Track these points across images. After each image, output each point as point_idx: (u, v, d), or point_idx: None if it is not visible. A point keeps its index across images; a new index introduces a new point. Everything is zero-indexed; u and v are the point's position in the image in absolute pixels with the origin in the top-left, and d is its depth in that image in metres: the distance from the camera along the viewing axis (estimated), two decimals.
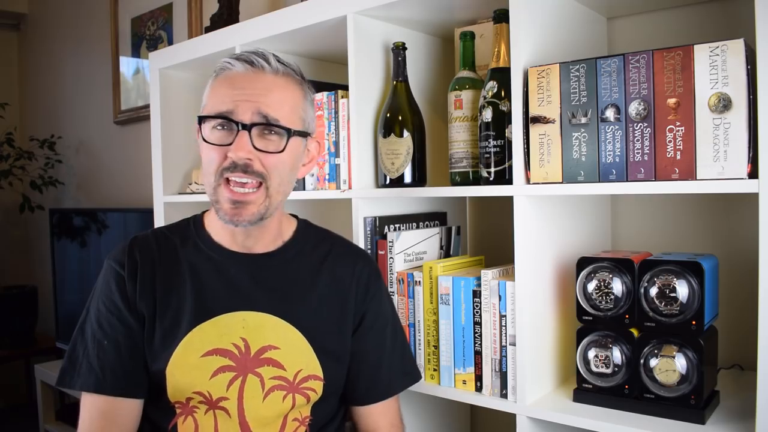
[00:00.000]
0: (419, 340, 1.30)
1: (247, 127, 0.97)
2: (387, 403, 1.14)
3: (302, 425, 1.07)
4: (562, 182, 1.08)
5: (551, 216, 1.19)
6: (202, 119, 1.01)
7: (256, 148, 0.98)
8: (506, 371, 1.17)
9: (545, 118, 1.08)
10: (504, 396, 1.18)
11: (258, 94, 0.99)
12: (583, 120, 1.05)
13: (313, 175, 1.48)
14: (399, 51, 1.34)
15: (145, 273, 1.04)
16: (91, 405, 1.01)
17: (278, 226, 1.11)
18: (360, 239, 1.34)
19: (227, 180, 0.99)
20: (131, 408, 1.02)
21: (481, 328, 1.20)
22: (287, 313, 1.06)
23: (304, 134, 1.05)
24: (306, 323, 1.06)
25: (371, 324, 1.13)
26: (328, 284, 1.11)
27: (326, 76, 1.71)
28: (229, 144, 0.98)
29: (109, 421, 1.00)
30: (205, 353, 1.01)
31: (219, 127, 0.99)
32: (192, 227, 1.11)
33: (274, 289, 1.07)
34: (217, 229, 1.09)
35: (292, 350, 1.05)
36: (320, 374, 1.06)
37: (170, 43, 2.65)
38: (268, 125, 0.99)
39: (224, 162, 0.98)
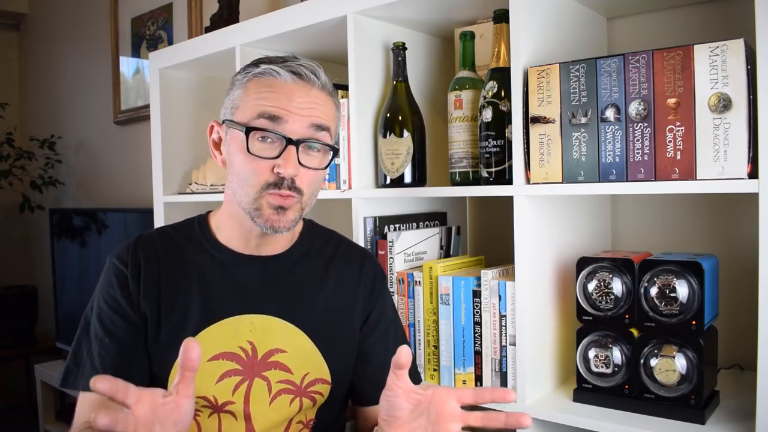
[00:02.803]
0: (419, 340, 1.30)
1: (296, 143, 0.96)
2: None
3: (306, 428, 1.07)
4: (562, 182, 1.08)
5: (551, 216, 1.19)
6: (249, 130, 0.96)
7: (301, 164, 0.97)
8: (506, 371, 1.17)
9: (545, 118, 1.08)
10: None
11: (308, 109, 0.97)
12: (583, 120, 1.05)
13: None
14: (399, 51, 1.34)
15: (150, 273, 1.03)
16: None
17: (293, 230, 1.10)
18: (360, 239, 1.34)
19: (275, 193, 0.97)
20: None
21: (481, 328, 1.20)
22: (294, 316, 1.05)
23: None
24: (313, 326, 1.06)
25: (375, 323, 1.13)
26: (335, 285, 1.10)
27: None
28: (274, 157, 0.96)
29: None
30: (212, 357, 1.00)
31: (260, 138, 0.97)
32: (197, 227, 1.10)
33: (282, 291, 1.06)
34: (227, 232, 1.07)
35: (299, 354, 1.04)
36: (327, 377, 1.05)
37: (170, 43, 2.65)
38: (316, 142, 0.98)
39: (269, 176, 0.96)
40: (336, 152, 1.02)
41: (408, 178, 1.34)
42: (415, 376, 1.18)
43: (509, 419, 0.79)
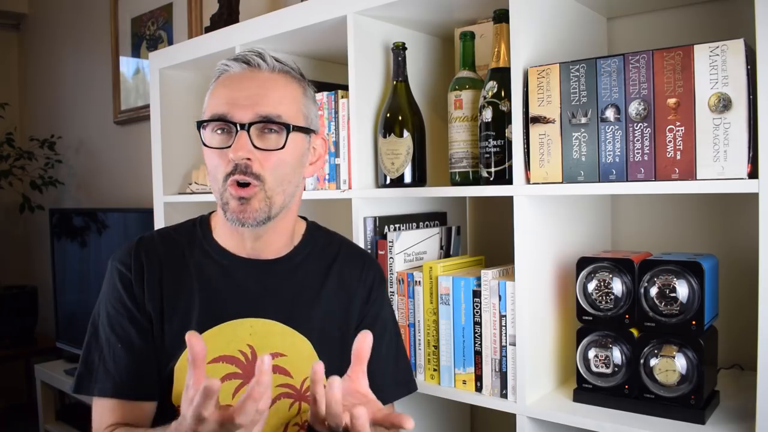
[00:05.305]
0: (419, 340, 1.30)
1: (245, 127, 0.96)
2: None
3: (302, 430, 1.07)
4: (562, 182, 1.08)
5: (551, 216, 1.19)
6: (201, 124, 0.99)
7: (256, 147, 0.96)
8: (506, 371, 1.17)
9: (545, 118, 1.08)
10: (504, 396, 1.18)
11: (255, 93, 0.97)
12: (583, 120, 1.05)
13: (313, 174, 1.48)
14: (399, 51, 1.34)
15: (152, 275, 1.03)
16: (105, 408, 1.00)
17: (291, 232, 1.09)
18: (360, 239, 1.34)
19: (233, 182, 0.97)
20: (146, 410, 1.01)
21: (481, 328, 1.20)
22: (294, 320, 1.05)
23: (307, 130, 1.03)
24: (313, 330, 1.05)
25: (370, 326, 1.12)
26: (336, 288, 1.10)
27: (326, 76, 1.71)
28: (229, 146, 0.96)
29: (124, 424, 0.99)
30: (212, 360, 1.00)
31: (219, 131, 0.98)
32: (198, 229, 1.09)
33: (282, 295, 1.06)
34: (225, 235, 1.07)
35: (299, 358, 1.04)
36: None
37: (170, 43, 2.65)
38: (266, 122, 0.97)
39: (228, 165, 0.97)
40: (288, 128, 0.98)
41: (408, 178, 1.34)
42: (402, 389, 1.16)
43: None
